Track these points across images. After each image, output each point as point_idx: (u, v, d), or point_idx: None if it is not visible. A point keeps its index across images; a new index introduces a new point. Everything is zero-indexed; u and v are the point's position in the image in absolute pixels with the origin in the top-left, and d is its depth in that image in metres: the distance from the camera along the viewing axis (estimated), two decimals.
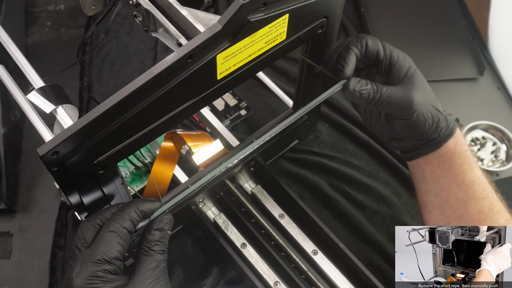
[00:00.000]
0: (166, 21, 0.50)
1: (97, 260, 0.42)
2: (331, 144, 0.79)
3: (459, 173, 0.58)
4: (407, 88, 0.55)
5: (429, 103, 0.56)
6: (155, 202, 0.48)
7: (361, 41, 0.55)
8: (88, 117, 0.39)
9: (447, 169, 0.58)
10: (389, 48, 0.56)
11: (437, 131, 0.57)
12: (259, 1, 0.44)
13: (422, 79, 0.57)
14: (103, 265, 0.42)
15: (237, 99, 0.84)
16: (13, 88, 0.50)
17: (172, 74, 0.42)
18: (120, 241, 0.43)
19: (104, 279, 0.42)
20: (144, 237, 0.46)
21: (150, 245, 0.46)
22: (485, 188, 0.58)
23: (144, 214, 0.46)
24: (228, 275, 0.67)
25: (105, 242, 0.43)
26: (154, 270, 0.45)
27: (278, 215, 0.67)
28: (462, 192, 0.58)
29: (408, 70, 0.56)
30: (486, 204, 0.57)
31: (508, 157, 0.82)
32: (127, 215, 0.45)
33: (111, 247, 0.43)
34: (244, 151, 0.54)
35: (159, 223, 0.47)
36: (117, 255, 0.43)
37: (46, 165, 0.40)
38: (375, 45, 0.56)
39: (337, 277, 0.63)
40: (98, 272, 0.42)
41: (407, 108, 0.55)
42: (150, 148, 0.72)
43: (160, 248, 0.46)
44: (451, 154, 0.58)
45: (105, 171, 0.45)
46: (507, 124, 0.84)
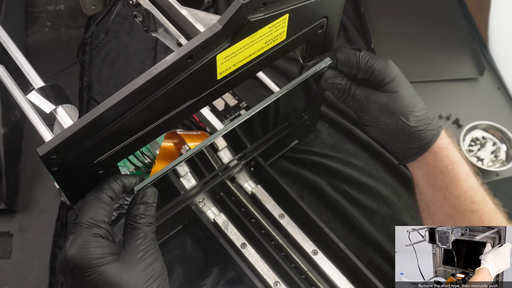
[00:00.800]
0: (166, 21, 0.50)
1: (85, 225, 0.43)
2: (331, 144, 0.79)
3: (442, 188, 0.57)
4: (373, 94, 0.57)
5: (395, 115, 0.56)
6: (135, 177, 0.48)
7: (333, 53, 0.57)
8: (88, 117, 0.39)
9: (429, 184, 0.58)
10: (364, 63, 0.56)
11: (406, 144, 0.57)
12: (259, 1, 0.44)
13: (399, 89, 0.56)
14: (91, 229, 0.43)
15: (237, 99, 0.84)
16: (13, 88, 0.50)
17: (172, 74, 0.42)
18: (104, 205, 0.44)
19: (95, 243, 0.42)
20: (129, 212, 0.46)
21: (135, 219, 0.46)
22: (474, 201, 0.56)
23: (124, 185, 0.47)
24: (228, 275, 0.67)
25: (88, 208, 0.44)
26: (142, 241, 0.45)
27: (278, 215, 0.67)
28: (448, 206, 0.57)
29: (383, 80, 0.56)
30: (475, 217, 0.56)
31: (508, 157, 0.82)
32: (107, 185, 0.46)
33: (95, 212, 0.43)
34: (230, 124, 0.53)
35: (142, 197, 0.47)
36: (103, 218, 0.44)
37: (46, 165, 0.40)
38: (348, 60, 0.57)
39: (337, 277, 0.63)
40: (88, 237, 0.42)
41: (365, 113, 0.57)
42: (150, 148, 0.72)
43: (146, 221, 0.46)
44: (430, 168, 0.58)
45: (105, 171, 0.45)
46: (507, 124, 0.84)
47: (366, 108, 0.57)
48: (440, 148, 0.57)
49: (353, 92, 0.57)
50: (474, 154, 0.82)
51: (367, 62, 0.56)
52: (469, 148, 0.83)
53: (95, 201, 0.44)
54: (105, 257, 0.43)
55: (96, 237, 0.43)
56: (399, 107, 0.56)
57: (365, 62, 0.56)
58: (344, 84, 0.58)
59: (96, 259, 0.42)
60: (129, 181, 0.47)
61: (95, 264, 0.42)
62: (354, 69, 0.57)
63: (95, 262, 0.42)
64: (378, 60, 0.56)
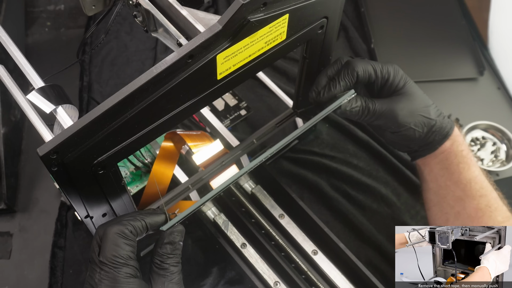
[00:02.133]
0: (166, 21, 0.50)
1: (113, 264, 0.42)
2: (331, 144, 0.80)
3: (456, 172, 0.59)
4: (394, 101, 0.57)
5: (417, 114, 0.57)
6: (161, 215, 0.47)
7: (351, 73, 0.56)
8: (88, 117, 0.39)
9: (444, 168, 0.60)
10: (379, 68, 0.57)
11: (431, 137, 0.58)
12: (259, 1, 0.44)
13: (412, 90, 0.58)
14: (120, 268, 0.42)
15: (237, 99, 0.84)
16: (13, 88, 0.50)
17: (172, 74, 0.42)
18: (128, 242, 0.43)
19: (126, 285, 0.42)
20: (156, 251, 0.46)
21: (162, 258, 0.46)
22: (483, 186, 0.59)
23: (150, 225, 0.46)
24: (228, 275, 0.67)
25: (112, 244, 0.43)
26: (169, 283, 0.45)
27: (278, 215, 0.67)
28: (459, 190, 0.59)
29: (398, 84, 0.57)
30: (483, 201, 0.58)
31: (508, 157, 0.82)
32: (129, 223, 0.44)
33: (121, 248, 0.43)
34: (254, 162, 0.53)
35: (169, 236, 0.46)
36: (129, 254, 0.43)
37: (46, 165, 0.40)
38: (366, 72, 0.57)
39: (337, 277, 0.63)
40: (119, 278, 0.42)
41: (393, 122, 0.57)
42: (150, 148, 0.72)
43: (173, 261, 0.46)
44: (447, 154, 0.59)
45: (105, 171, 0.45)
46: (507, 124, 0.84)
47: (393, 117, 0.57)
48: (457, 134, 0.59)
49: (372, 108, 0.57)
50: (474, 154, 0.82)
51: (382, 67, 0.57)
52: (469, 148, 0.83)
53: (119, 237, 0.43)
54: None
55: (127, 278, 0.42)
56: (419, 106, 0.57)
57: (380, 68, 0.57)
58: (360, 105, 0.57)
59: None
60: (154, 220, 0.46)
61: None
62: (372, 77, 0.57)
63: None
64: (386, 65, 0.57)
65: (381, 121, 0.58)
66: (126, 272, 0.42)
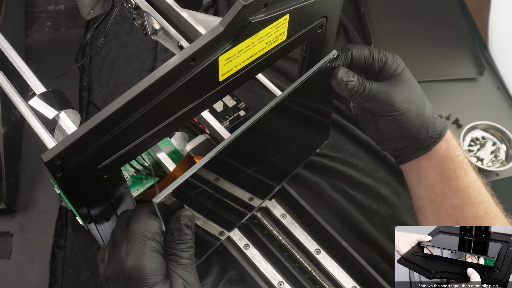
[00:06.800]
0: (166, 24, 0.50)
1: (141, 237, 0.44)
2: (331, 144, 0.79)
3: (453, 178, 0.57)
4: (391, 85, 0.56)
5: (413, 102, 0.56)
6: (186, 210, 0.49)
7: (345, 52, 0.56)
8: (92, 122, 0.39)
9: (441, 174, 0.58)
10: (377, 53, 0.57)
11: (423, 133, 0.57)
12: (260, 2, 0.44)
13: (410, 78, 0.57)
14: (147, 241, 0.44)
15: (236, 100, 0.84)
16: (13, 94, 0.49)
17: (175, 77, 0.42)
18: (158, 220, 0.46)
19: (150, 258, 0.44)
20: (164, 237, 0.47)
21: (170, 245, 0.46)
22: (481, 192, 0.57)
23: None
24: (228, 274, 0.67)
25: (143, 219, 0.45)
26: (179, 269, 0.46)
27: (280, 215, 0.67)
28: (457, 198, 0.57)
29: (396, 69, 0.56)
30: (482, 208, 0.56)
31: (508, 157, 0.82)
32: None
33: (150, 224, 0.45)
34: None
35: (175, 222, 0.47)
36: (157, 230, 0.45)
37: (51, 171, 0.39)
38: (362, 53, 0.56)
39: (341, 276, 0.63)
40: (145, 251, 0.44)
41: (388, 104, 0.55)
42: (150, 151, 0.71)
43: (182, 247, 0.47)
44: (443, 158, 0.57)
45: (109, 176, 0.45)
46: (507, 124, 0.84)
47: (388, 99, 0.55)
48: (451, 137, 0.58)
49: (369, 87, 0.55)
50: (474, 154, 0.82)
51: (379, 52, 0.57)
52: (469, 148, 0.83)
53: (150, 214, 0.46)
54: (159, 274, 0.44)
55: (152, 252, 0.44)
56: (416, 95, 0.56)
57: (377, 52, 0.56)
58: (357, 80, 0.55)
59: (151, 275, 0.43)
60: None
61: (150, 280, 0.43)
62: (369, 59, 0.56)
63: (150, 278, 0.43)
64: (386, 51, 0.57)
65: (375, 103, 0.56)
66: (152, 246, 0.44)
